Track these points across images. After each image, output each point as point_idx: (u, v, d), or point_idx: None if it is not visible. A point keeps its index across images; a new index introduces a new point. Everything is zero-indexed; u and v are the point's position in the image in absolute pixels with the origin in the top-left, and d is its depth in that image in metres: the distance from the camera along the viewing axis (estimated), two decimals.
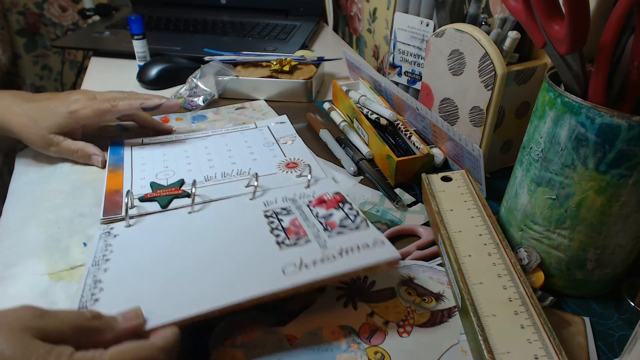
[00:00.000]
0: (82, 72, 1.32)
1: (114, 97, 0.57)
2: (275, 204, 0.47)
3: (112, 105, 0.56)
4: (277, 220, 0.44)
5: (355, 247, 0.38)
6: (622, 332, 0.38)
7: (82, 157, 0.56)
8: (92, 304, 0.36)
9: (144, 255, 0.41)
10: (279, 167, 0.55)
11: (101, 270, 0.39)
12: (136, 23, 0.79)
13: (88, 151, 0.56)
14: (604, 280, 0.39)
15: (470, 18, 0.54)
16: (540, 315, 0.33)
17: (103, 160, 0.56)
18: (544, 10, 0.32)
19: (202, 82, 0.74)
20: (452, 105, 0.55)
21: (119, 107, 0.57)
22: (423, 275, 0.41)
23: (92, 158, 0.56)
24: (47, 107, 0.55)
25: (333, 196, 0.46)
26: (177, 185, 0.51)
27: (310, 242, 0.40)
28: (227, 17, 1.09)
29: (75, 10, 1.54)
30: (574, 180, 0.35)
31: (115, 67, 0.88)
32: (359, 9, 1.08)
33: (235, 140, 0.61)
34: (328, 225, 0.42)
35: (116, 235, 0.44)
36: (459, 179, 0.47)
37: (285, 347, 0.35)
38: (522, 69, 0.49)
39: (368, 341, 0.36)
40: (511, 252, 0.38)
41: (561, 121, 0.34)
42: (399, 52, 0.67)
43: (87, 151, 0.56)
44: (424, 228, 0.47)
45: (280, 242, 0.40)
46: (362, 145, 0.60)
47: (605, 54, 0.32)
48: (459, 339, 0.36)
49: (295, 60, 0.77)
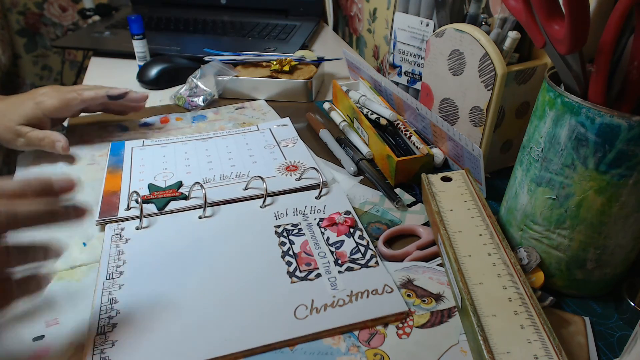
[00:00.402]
0: (82, 72, 1.32)
1: (80, 88, 0.58)
2: (285, 217, 0.47)
3: (77, 94, 0.57)
4: (288, 242, 0.44)
5: (364, 292, 0.39)
6: (622, 332, 0.38)
7: (48, 145, 0.56)
8: (109, 329, 0.36)
9: (156, 272, 0.41)
10: (279, 169, 0.55)
11: (115, 287, 0.40)
12: (136, 23, 0.79)
13: (53, 138, 0.56)
14: (604, 280, 0.39)
15: (470, 18, 0.54)
16: (540, 315, 0.33)
17: (65, 147, 0.56)
18: (544, 10, 0.32)
19: (202, 82, 0.73)
20: (452, 105, 0.55)
21: (84, 95, 0.57)
22: (423, 276, 0.41)
23: (56, 145, 0.56)
24: (16, 102, 0.56)
25: (345, 219, 0.46)
26: (175, 188, 0.51)
27: (321, 277, 0.40)
28: (227, 17, 1.09)
29: (75, 10, 1.54)
30: (574, 180, 0.35)
31: (115, 67, 0.88)
32: (359, 9, 1.08)
33: (237, 143, 0.61)
34: (338, 257, 0.42)
35: (128, 239, 0.45)
36: (459, 179, 0.47)
37: (285, 351, 0.35)
38: (522, 69, 0.49)
39: (367, 344, 0.36)
40: (511, 252, 0.38)
41: (561, 121, 0.34)
42: (399, 52, 0.67)
43: (52, 138, 0.56)
44: (424, 228, 0.47)
45: (291, 272, 0.41)
46: (362, 145, 0.60)
47: (605, 54, 0.32)
48: (459, 339, 0.36)
49: (295, 60, 0.76)
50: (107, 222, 0.47)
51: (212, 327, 0.36)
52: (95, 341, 0.35)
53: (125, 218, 0.47)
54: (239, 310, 0.38)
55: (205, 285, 0.40)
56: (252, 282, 0.40)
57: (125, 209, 0.48)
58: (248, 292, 0.39)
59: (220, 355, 0.34)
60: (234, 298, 0.39)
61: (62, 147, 0.56)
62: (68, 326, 0.37)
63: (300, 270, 0.41)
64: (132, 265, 0.42)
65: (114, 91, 0.59)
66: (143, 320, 0.37)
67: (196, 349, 0.34)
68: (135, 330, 0.36)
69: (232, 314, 0.37)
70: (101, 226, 0.47)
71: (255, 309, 0.38)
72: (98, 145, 0.60)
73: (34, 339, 0.36)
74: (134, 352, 0.34)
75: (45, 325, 0.37)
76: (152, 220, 0.47)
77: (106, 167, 0.56)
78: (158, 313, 0.37)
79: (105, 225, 0.47)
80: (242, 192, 0.51)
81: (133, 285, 0.40)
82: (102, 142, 0.61)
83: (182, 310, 0.38)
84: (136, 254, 0.43)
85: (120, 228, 0.46)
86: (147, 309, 0.38)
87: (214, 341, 0.35)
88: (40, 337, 0.36)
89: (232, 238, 0.45)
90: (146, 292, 0.39)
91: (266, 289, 0.39)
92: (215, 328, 0.36)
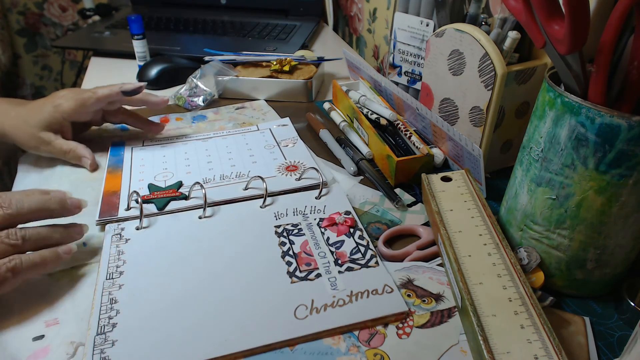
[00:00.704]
0: (82, 72, 1.32)
1: (96, 88, 0.58)
2: (285, 217, 0.47)
3: (92, 92, 0.57)
4: (288, 242, 0.44)
5: (364, 292, 0.39)
6: (622, 332, 0.38)
7: (73, 158, 0.56)
8: (109, 329, 0.36)
9: (157, 272, 0.41)
10: (279, 169, 0.55)
11: (115, 287, 0.39)
12: (136, 23, 0.79)
13: (79, 153, 0.56)
14: (604, 280, 0.39)
15: (470, 18, 0.54)
16: (540, 315, 0.33)
17: (92, 164, 0.56)
18: (544, 10, 0.32)
19: (202, 82, 0.73)
20: (452, 105, 0.55)
21: (99, 93, 0.57)
22: (423, 276, 0.41)
23: (83, 160, 0.56)
24: (36, 107, 0.56)
25: (345, 219, 0.46)
26: (175, 188, 0.51)
27: (321, 277, 0.40)
28: (227, 17, 1.09)
29: (75, 10, 1.54)
30: (574, 180, 0.35)
31: (115, 67, 0.88)
32: (359, 9, 1.08)
33: (237, 143, 0.61)
34: (338, 257, 0.42)
35: (128, 239, 0.45)
36: (459, 179, 0.47)
37: (285, 351, 0.35)
38: (522, 69, 0.49)
39: (367, 344, 0.36)
40: (511, 252, 0.38)
41: (561, 121, 0.34)
42: (399, 52, 0.67)
43: (79, 153, 0.56)
44: (424, 228, 0.47)
45: (291, 273, 0.41)
46: (362, 145, 0.60)
47: (605, 54, 0.32)
48: (459, 339, 0.36)
49: (295, 60, 0.76)
50: (107, 222, 0.47)
51: (212, 327, 0.36)
52: (95, 341, 0.35)
53: (126, 218, 0.47)
54: (239, 310, 0.37)
55: (205, 285, 0.40)
56: (252, 282, 0.40)
57: (125, 209, 0.48)
58: (248, 292, 0.39)
59: (220, 355, 0.34)
60: (234, 298, 0.39)
61: (90, 165, 0.56)
62: (68, 326, 0.37)
63: (300, 270, 0.41)
64: (132, 265, 0.42)
65: (127, 86, 0.58)
66: (143, 320, 0.37)
67: (196, 349, 0.34)
68: (135, 330, 0.36)
69: (232, 314, 0.37)
70: (101, 226, 0.47)
71: (255, 309, 0.38)
72: (98, 145, 0.60)
73: (34, 339, 0.36)
74: (134, 352, 0.34)
75: (45, 325, 0.37)
76: (152, 220, 0.47)
77: (106, 167, 0.56)
78: (158, 313, 0.37)
79: (105, 225, 0.47)
80: (242, 192, 0.51)
81: (133, 285, 0.40)
82: (102, 142, 0.61)
83: (182, 310, 0.38)
84: (136, 254, 0.43)
85: (120, 228, 0.46)
86: (147, 309, 0.38)
87: (214, 341, 0.35)
88: (40, 337, 0.36)
89: (232, 238, 0.45)
90: (146, 292, 0.39)
91: (266, 289, 0.39)
92: (215, 328, 0.36)
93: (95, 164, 0.56)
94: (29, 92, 1.63)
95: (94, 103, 0.57)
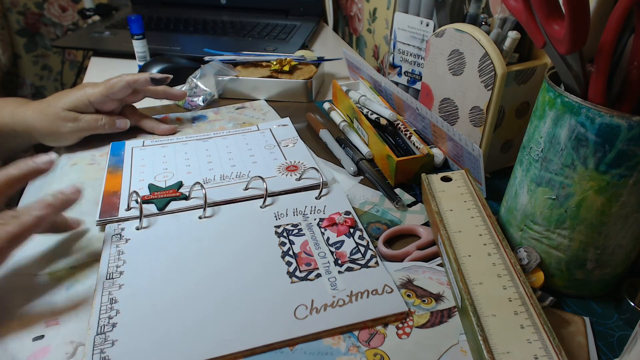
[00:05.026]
0: (82, 72, 1.32)
1: (121, 74, 0.59)
2: (285, 217, 0.47)
3: (119, 77, 0.58)
4: (288, 242, 0.44)
5: (364, 293, 0.39)
6: (622, 332, 0.38)
7: (107, 124, 0.58)
8: (109, 329, 0.36)
9: (157, 272, 0.41)
10: (279, 170, 0.55)
11: (115, 287, 0.39)
12: (136, 23, 0.79)
13: (113, 116, 0.57)
14: (604, 280, 0.39)
15: (470, 18, 0.54)
16: (540, 315, 0.33)
17: (126, 121, 0.59)
18: (544, 10, 0.32)
19: (202, 82, 0.73)
20: (452, 105, 0.55)
21: (125, 78, 0.58)
22: (423, 276, 0.41)
23: (117, 122, 0.57)
24: (61, 94, 0.57)
25: (345, 219, 0.46)
26: (175, 188, 0.51)
27: (321, 277, 0.40)
28: (227, 17, 1.09)
29: (75, 10, 1.54)
30: (574, 180, 0.35)
31: (115, 67, 0.88)
32: (359, 9, 1.08)
33: (237, 143, 0.61)
34: (338, 257, 0.42)
35: (128, 239, 0.45)
36: (459, 179, 0.47)
37: (285, 351, 0.35)
38: (522, 69, 0.49)
39: (367, 344, 0.36)
40: (511, 252, 0.38)
41: (561, 121, 0.34)
42: (399, 52, 0.67)
43: (112, 117, 0.57)
44: (424, 228, 0.47)
45: (291, 273, 0.41)
46: (362, 145, 0.60)
47: (605, 54, 0.32)
48: (459, 339, 0.36)
49: (295, 60, 0.76)
50: (107, 222, 0.47)
51: (212, 327, 0.36)
52: (95, 341, 0.35)
53: (126, 218, 0.47)
54: (239, 310, 0.37)
55: (205, 285, 0.40)
56: (252, 282, 0.40)
57: (125, 209, 0.48)
58: (248, 292, 0.39)
59: (220, 355, 0.34)
60: (234, 298, 0.39)
61: (125, 123, 0.58)
62: (68, 326, 0.37)
63: (300, 270, 0.41)
64: (132, 265, 0.42)
65: (156, 75, 0.61)
66: (143, 320, 0.37)
67: (196, 349, 0.34)
68: (135, 330, 0.36)
69: (232, 314, 0.37)
70: (101, 226, 0.47)
71: (255, 309, 0.38)
72: (98, 145, 0.60)
73: (34, 339, 0.36)
74: (134, 352, 0.34)
75: (45, 325, 0.37)
76: (152, 220, 0.47)
77: (106, 167, 0.56)
78: (158, 313, 0.37)
79: (105, 225, 0.47)
80: (242, 192, 0.51)
81: (133, 285, 0.40)
82: (103, 142, 0.61)
83: (182, 310, 0.38)
84: (136, 254, 0.43)
85: (121, 228, 0.46)
86: (147, 309, 0.38)
87: (214, 341, 0.35)
88: (40, 337, 0.36)
89: (232, 238, 0.45)
90: (146, 292, 0.39)
91: (266, 289, 0.39)
92: (215, 328, 0.36)
93: (127, 122, 0.60)
94: (29, 92, 1.63)
95: (123, 87, 0.58)
